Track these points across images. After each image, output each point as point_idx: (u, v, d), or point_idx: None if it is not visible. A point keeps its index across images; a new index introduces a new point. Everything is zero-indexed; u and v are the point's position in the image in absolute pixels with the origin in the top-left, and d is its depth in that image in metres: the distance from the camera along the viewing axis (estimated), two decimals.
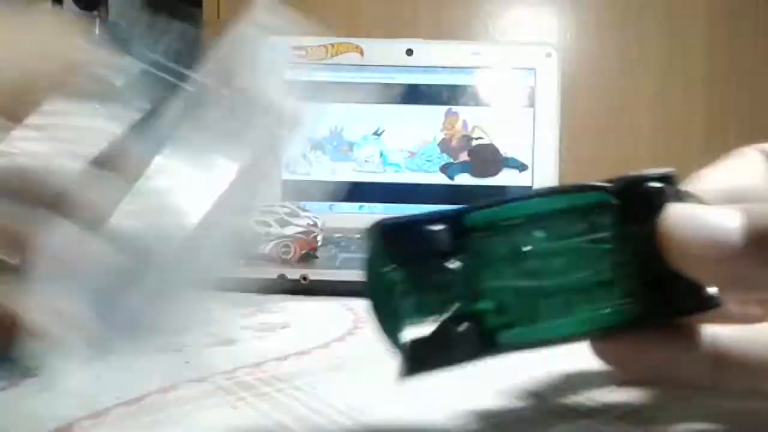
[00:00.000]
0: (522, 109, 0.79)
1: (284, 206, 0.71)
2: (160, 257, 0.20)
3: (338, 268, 0.51)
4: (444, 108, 0.79)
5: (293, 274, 0.45)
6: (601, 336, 0.19)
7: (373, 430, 0.21)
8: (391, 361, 0.18)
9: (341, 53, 0.79)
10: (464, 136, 0.79)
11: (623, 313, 0.18)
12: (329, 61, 0.79)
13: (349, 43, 0.79)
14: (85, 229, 0.19)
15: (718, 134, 0.90)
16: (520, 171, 0.78)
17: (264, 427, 0.21)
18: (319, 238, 0.53)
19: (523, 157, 0.78)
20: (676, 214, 0.17)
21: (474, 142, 0.79)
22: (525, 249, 0.17)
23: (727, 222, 0.17)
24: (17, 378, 0.23)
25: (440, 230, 0.17)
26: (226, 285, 0.25)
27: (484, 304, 0.18)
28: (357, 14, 0.90)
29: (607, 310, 0.18)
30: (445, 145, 0.79)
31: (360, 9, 0.89)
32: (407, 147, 0.79)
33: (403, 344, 0.17)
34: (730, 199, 0.20)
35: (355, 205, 0.77)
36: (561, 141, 0.78)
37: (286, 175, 0.78)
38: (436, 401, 0.23)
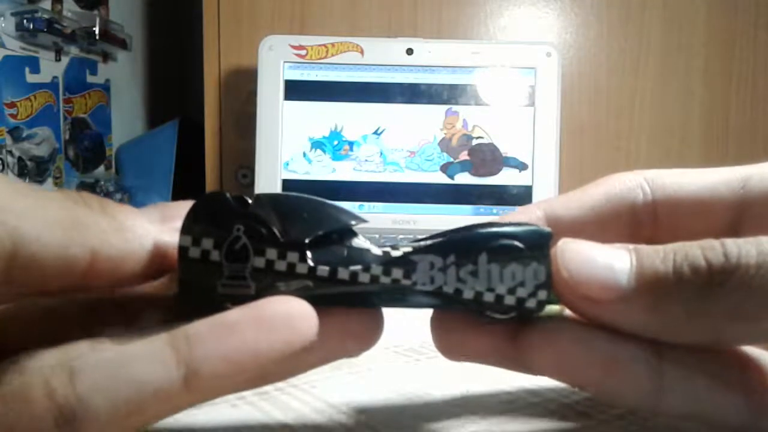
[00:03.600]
0: (522, 109, 0.79)
1: None
2: None
3: None
4: (444, 107, 0.79)
5: None
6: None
7: (373, 430, 0.21)
8: (391, 361, 0.18)
9: (341, 53, 0.79)
10: (464, 135, 0.79)
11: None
12: (329, 61, 0.79)
13: (349, 42, 0.79)
14: None
15: (717, 134, 0.90)
16: (520, 170, 0.78)
17: (264, 426, 0.21)
18: None
19: (523, 157, 0.78)
20: (566, 251, 0.16)
21: (474, 142, 0.79)
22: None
23: (615, 263, 0.16)
24: None
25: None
26: None
27: None
28: (357, 14, 0.89)
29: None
30: (445, 145, 0.79)
31: (360, 9, 0.89)
32: (407, 146, 0.79)
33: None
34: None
35: (355, 205, 0.77)
36: (561, 141, 0.78)
37: (286, 175, 0.78)
38: (436, 401, 0.23)
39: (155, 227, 0.17)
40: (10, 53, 0.82)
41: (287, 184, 0.78)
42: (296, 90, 0.79)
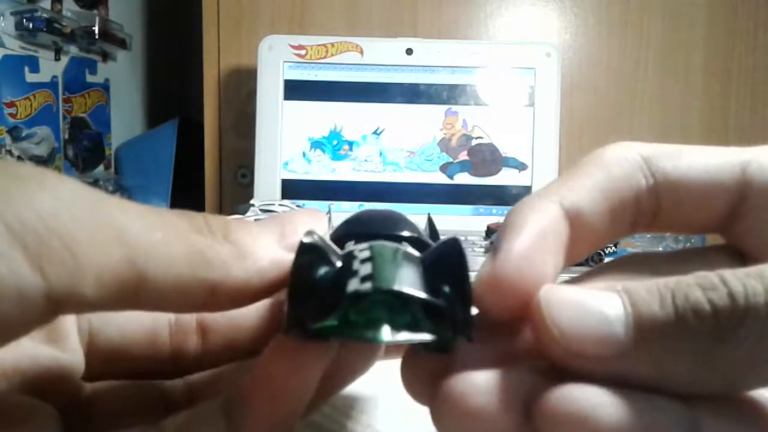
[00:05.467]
0: (522, 109, 0.79)
1: (284, 205, 0.71)
2: None
3: None
4: (444, 107, 0.79)
5: None
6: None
7: (373, 430, 0.21)
8: (391, 361, 0.18)
9: (341, 53, 0.79)
10: (464, 135, 0.79)
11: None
12: (329, 61, 0.79)
13: (349, 42, 0.79)
14: None
15: (717, 134, 0.90)
16: (519, 170, 0.78)
17: None
18: None
19: (522, 157, 0.78)
20: (551, 304, 0.14)
21: (473, 142, 0.79)
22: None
23: (608, 311, 0.14)
24: None
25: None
26: None
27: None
28: (357, 14, 0.89)
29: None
30: (444, 145, 0.79)
31: (360, 9, 0.89)
32: (407, 146, 0.79)
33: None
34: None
35: (354, 205, 0.77)
36: (560, 141, 0.78)
37: (286, 175, 0.78)
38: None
39: (274, 248, 0.17)
40: (10, 53, 0.82)
41: (287, 183, 0.78)
42: (296, 90, 0.79)
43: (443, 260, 0.16)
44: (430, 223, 0.21)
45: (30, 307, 0.13)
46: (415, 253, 0.17)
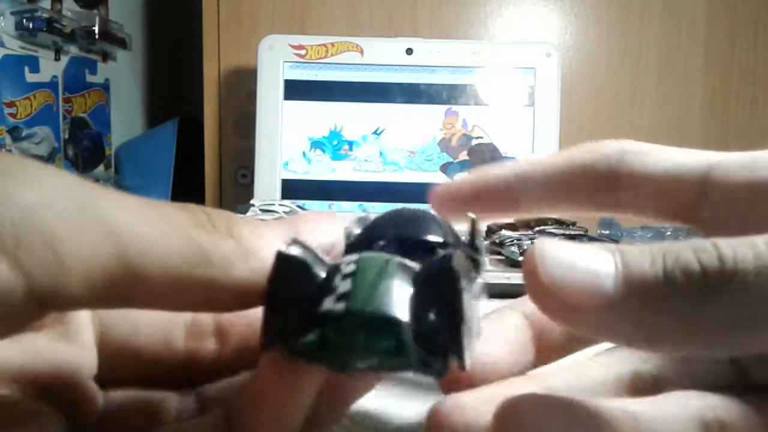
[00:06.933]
0: (522, 109, 0.79)
1: (284, 205, 0.71)
2: None
3: None
4: (444, 107, 0.79)
5: None
6: None
7: (373, 429, 0.21)
8: None
9: (341, 52, 0.79)
10: (464, 135, 0.79)
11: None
12: (329, 61, 0.79)
13: (349, 42, 0.79)
14: None
15: (717, 134, 0.90)
16: None
17: None
18: None
19: (522, 157, 0.78)
20: (545, 254, 0.14)
21: (474, 142, 0.79)
22: None
23: (600, 267, 0.14)
24: None
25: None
26: None
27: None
28: (357, 14, 0.89)
29: None
30: (444, 145, 0.79)
31: (360, 9, 0.89)
32: (407, 146, 0.79)
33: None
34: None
35: (354, 204, 0.77)
36: (560, 141, 0.78)
37: (286, 175, 0.78)
38: (435, 400, 0.23)
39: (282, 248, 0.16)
40: (10, 52, 0.82)
41: (287, 183, 0.78)
42: (296, 90, 0.79)
43: (432, 281, 0.15)
44: (473, 225, 0.19)
45: (12, 306, 0.12)
46: (413, 266, 0.15)
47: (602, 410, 0.15)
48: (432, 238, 0.17)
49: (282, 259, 0.15)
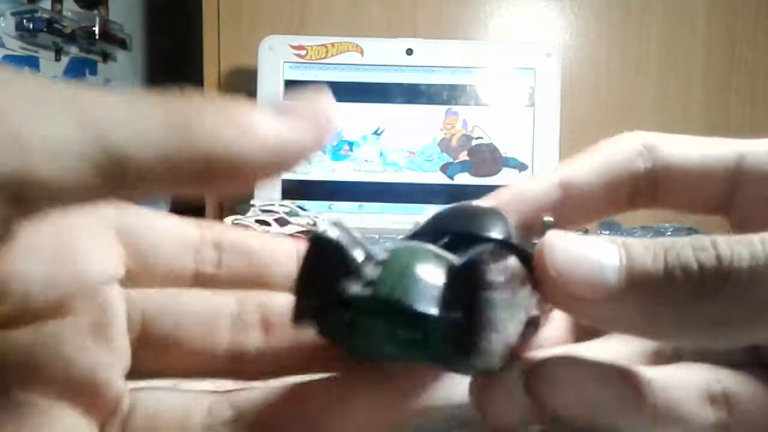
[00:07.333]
0: (522, 109, 0.79)
1: (284, 205, 0.71)
2: None
3: None
4: (444, 108, 0.79)
5: None
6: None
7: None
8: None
9: (341, 53, 0.79)
10: (464, 135, 0.79)
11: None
12: (329, 61, 0.79)
13: (349, 42, 0.79)
14: None
15: (717, 134, 0.90)
16: (519, 171, 0.78)
17: None
18: None
19: (522, 157, 0.78)
20: (554, 247, 0.15)
21: (474, 142, 0.79)
22: None
23: (604, 259, 0.15)
24: None
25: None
26: None
27: None
28: (357, 14, 0.89)
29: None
30: (444, 145, 0.79)
31: (360, 9, 0.89)
32: (407, 146, 0.79)
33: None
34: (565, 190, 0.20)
35: (354, 205, 0.77)
36: (561, 141, 0.78)
37: (286, 175, 0.78)
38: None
39: (276, 123, 0.15)
40: (10, 53, 0.82)
41: (287, 184, 0.78)
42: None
43: (461, 277, 0.15)
44: (546, 226, 0.19)
45: None
46: (451, 258, 0.15)
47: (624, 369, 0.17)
48: (493, 235, 0.17)
49: (318, 239, 0.15)
